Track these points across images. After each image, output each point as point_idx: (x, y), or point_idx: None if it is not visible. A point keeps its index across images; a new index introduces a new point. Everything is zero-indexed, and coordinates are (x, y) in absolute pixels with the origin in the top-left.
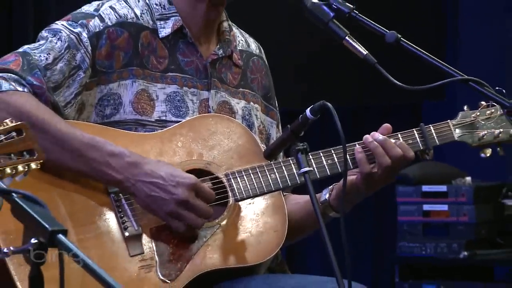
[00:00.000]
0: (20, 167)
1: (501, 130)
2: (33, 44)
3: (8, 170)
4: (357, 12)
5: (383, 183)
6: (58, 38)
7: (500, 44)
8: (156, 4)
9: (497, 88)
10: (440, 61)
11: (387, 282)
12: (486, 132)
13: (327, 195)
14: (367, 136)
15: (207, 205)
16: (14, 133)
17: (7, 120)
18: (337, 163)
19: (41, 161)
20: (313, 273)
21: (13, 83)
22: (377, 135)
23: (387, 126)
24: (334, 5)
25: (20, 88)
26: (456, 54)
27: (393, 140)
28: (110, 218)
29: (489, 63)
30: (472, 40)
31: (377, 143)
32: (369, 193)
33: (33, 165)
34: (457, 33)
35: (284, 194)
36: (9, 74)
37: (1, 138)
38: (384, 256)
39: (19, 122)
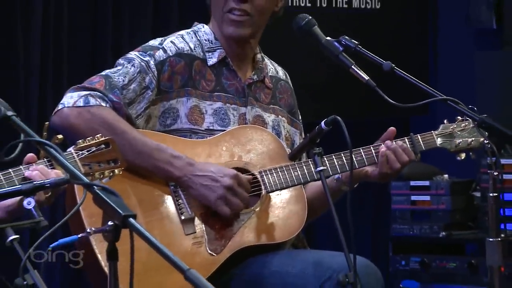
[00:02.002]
0: (106, 173)
1: (473, 139)
2: (112, 69)
3: (96, 174)
4: (360, 47)
5: (391, 179)
6: (132, 65)
7: (471, 71)
8: (205, 40)
9: (470, 106)
10: (425, 84)
11: (383, 256)
12: (461, 140)
13: (340, 175)
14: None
15: (247, 194)
16: (103, 146)
17: (98, 135)
18: (345, 163)
19: (123, 168)
20: (325, 248)
21: (98, 100)
22: (390, 143)
23: (392, 129)
24: (343, 41)
25: (103, 104)
26: (436, 78)
27: (400, 142)
28: (170, 205)
29: (462, 85)
30: (449, 67)
31: (390, 150)
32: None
33: (116, 171)
34: (437, 62)
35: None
36: (95, 92)
37: (93, 149)
38: (381, 235)
39: (107, 137)
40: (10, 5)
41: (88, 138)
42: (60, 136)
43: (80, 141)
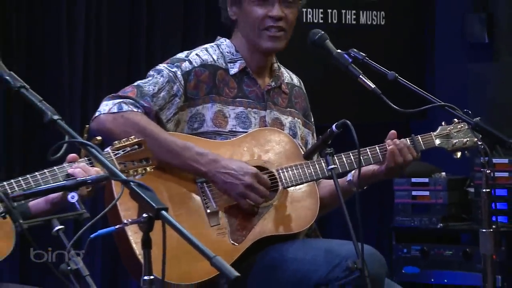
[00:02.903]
0: (139, 170)
1: (468, 139)
2: (144, 79)
3: (131, 172)
4: (367, 58)
5: (397, 176)
6: (161, 75)
7: (464, 80)
8: (227, 52)
9: (464, 110)
10: (424, 92)
11: (387, 244)
12: (457, 140)
13: (351, 177)
14: (390, 142)
15: (265, 189)
16: (136, 146)
17: (132, 136)
18: (353, 162)
19: (154, 166)
20: (335, 238)
21: (131, 106)
22: (397, 141)
23: (393, 132)
24: (352, 53)
25: (135, 109)
26: (433, 86)
27: (405, 141)
28: (197, 200)
29: (457, 93)
30: (445, 77)
31: (397, 147)
32: (384, 179)
33: (148, 169)
34: (434, 72)
35: (318, 181)
36: (128, 100)
37: (128, 150)
38: (385, 226)
39: (140, 139)
40: (55, 21)
41: (123, 140)
42: (99, 138)
43: (116, 142)
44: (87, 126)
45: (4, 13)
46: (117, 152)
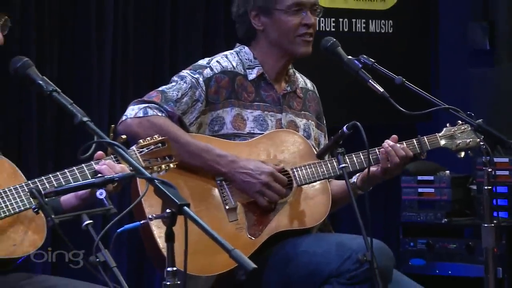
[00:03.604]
0: (163, 166)
1: (471, 140)
2: (168, 85)
3: (155, 168)
4: (376, 64)
5: (394, 174)
6: (184, 81)
7: (467, 85)
8: (246, 59)
9: (467, 112)
10: (429, 95)
11: (394, 238)
12: (461, 141)
13: (355, 179)
14: (384, 143)
15: (282, 187)
16: (160, 144)
17: (156, 135)
18: (363, 161)
19: (177, 163)
20: (346, 232)
21: (155, 110)
22: (390, 142)
23: (394, 136)
24: (362, 59)
25: (159, 113)
26: (438, 90)
27: (398, 145)
28: (216, 197)
29: (460, 97)
30: (449, 82)
31: (390, 147)
32: (384, 179)
33: (171, 165)
34: (438, 77)
35: (329, 180)
36: (153, 104)
37: (152, 147)
38: (393, 221)
39: (163, 137)
40: (84, 31)
41: (148, 138)
42: (124, 136)
43: (141, 140)
44: (113, 125)
45: (41, 19)
46: (141, 149)
